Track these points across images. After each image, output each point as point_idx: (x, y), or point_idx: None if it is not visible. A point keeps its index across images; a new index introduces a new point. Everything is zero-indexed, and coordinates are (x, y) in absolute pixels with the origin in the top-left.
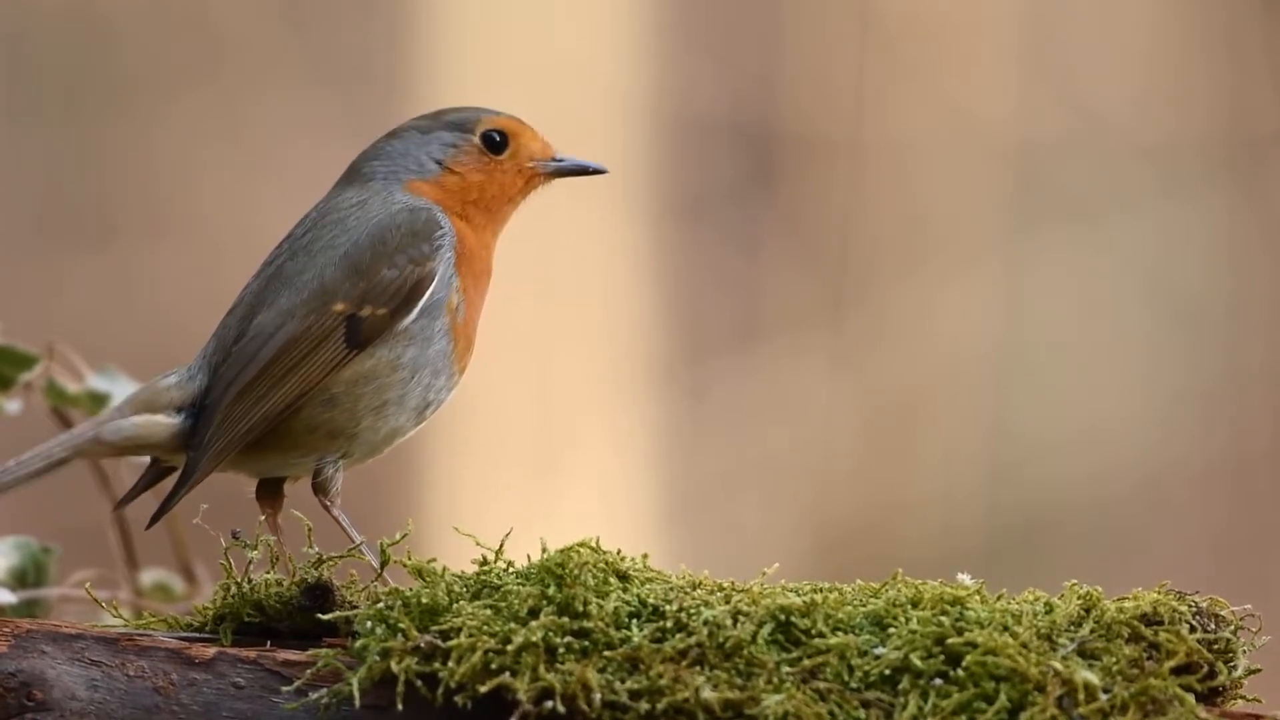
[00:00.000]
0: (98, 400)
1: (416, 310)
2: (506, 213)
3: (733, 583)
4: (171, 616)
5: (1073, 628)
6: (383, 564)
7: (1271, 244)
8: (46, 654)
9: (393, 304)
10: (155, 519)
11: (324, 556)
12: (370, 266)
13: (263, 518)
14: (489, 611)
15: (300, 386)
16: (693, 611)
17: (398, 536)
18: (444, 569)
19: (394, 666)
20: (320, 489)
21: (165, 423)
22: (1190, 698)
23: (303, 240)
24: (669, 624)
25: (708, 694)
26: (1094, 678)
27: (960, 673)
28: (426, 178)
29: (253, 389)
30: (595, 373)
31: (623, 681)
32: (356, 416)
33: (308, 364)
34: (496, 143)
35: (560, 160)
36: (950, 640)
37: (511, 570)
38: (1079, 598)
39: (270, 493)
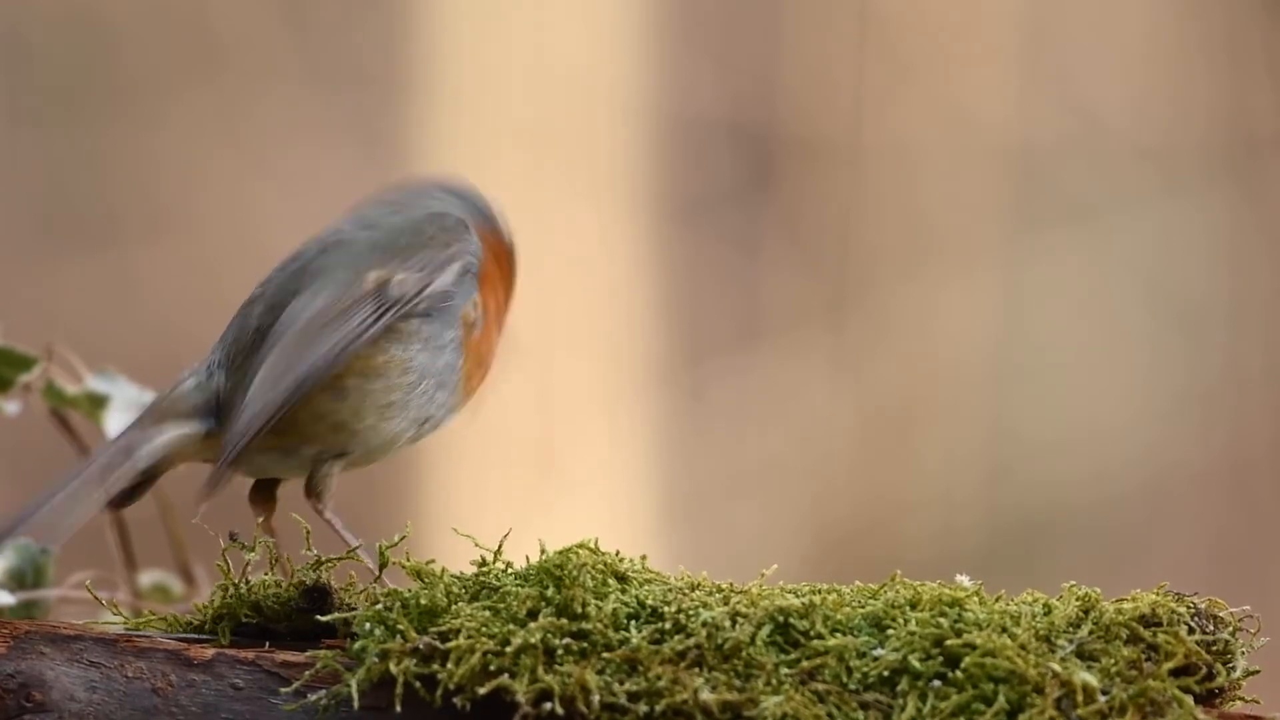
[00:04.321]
0: (96, 402)
1: (451, 275)
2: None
3: (731, 584)
4: (171, 615)
5: (1071, 629)
6: (381, 566)
7: (1271, 245)
8: (45, 655)
9: (426, 270)
10: (208, 493)
11: (323, 559)
12: (406, 248)
13: (261, 519)
14: (488, 613)
15: (339, 349)
16: (691, 613)
17: (396, 538)
18: (443, 570)
19: (392, 668)
20: (313, 491)
21: (196, 427)
22: (1189, 699)
23: (331, 239)
24: (668, 625)
25: (706, 695)
26: (1092, 679)
27: (959, 674)
28: None
29: (288, 355)
30: (595, 373)
31: (621, 683)
32: (362, 413)
33: (342, 329)
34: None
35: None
36: (949, 642)
37: (510, 571)
38: (1077, 599)
39: (263, 497)
